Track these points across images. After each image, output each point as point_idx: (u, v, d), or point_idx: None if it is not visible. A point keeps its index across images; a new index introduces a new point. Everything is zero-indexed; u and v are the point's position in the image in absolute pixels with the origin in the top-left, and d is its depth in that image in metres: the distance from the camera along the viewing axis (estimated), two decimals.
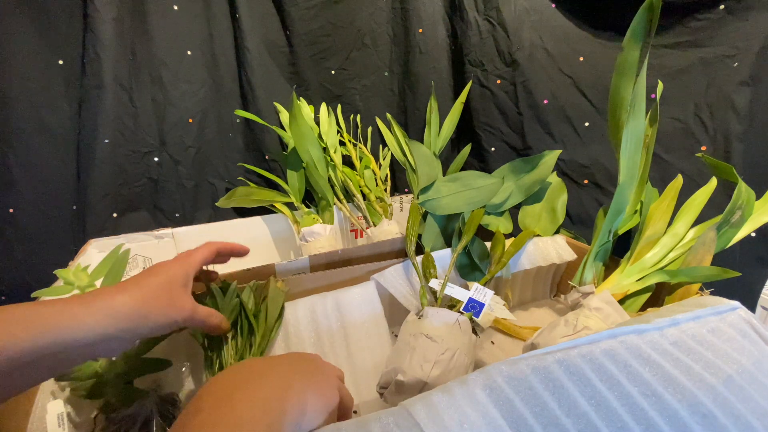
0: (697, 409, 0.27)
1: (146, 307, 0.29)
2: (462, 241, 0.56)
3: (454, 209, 0.61)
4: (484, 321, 0.46)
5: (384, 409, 0.28)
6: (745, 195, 0.50)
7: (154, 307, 0.29)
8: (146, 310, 0.29)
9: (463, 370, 0.41)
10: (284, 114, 0.88)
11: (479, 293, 0.48)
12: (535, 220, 0.71)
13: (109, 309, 0.28)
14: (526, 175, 0.71)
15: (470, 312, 0.46)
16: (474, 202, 0.61)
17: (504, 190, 0.69)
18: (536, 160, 0.71)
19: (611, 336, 0.32)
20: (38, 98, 0.72)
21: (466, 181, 0.63)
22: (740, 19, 0.61)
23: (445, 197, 0.62)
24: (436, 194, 0.62)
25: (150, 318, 0.29)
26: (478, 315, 0.46)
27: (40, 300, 0.30)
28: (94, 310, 0.27)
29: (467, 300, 0.47)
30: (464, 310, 0.46)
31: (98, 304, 0.28)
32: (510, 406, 0.27)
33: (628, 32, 0.44)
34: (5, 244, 0.74)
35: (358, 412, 0.44)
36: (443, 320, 0.43)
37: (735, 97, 0.62)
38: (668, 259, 0.52)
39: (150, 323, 0.29)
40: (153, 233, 0.73)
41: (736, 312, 0.36)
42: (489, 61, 0.82)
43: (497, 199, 0.68)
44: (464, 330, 0.43)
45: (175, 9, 0.79)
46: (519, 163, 0.72)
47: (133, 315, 0.28)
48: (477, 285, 0.49)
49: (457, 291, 0.48)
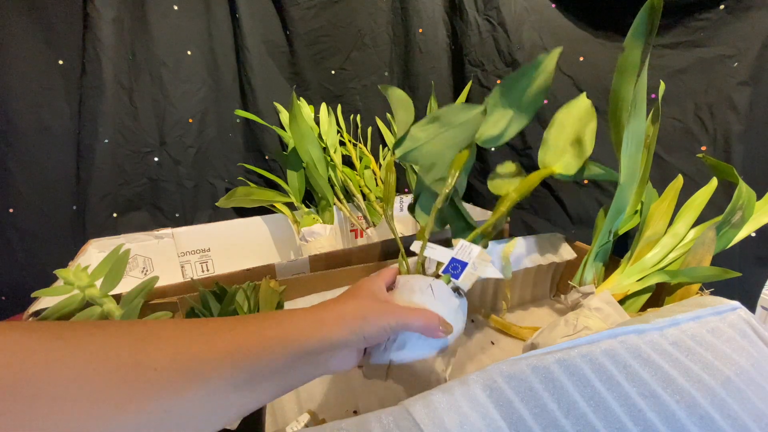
0: (694, 410, 0.27)
1: (363, 310, 0.31)
2: (444, 189, 0.46)
3: (437, 156, 0.51)
4: (465, 282, 0.39)
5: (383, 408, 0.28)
6: (746, 195, 0.49)
7: (369, 309, 0.31)
8: (364, 312, 0.31)
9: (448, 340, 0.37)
10: (284, 114, 0.88)
11: (463, 251, 0.41)
12: (558, 154, 0.56)
13: (340, 313, 0.30)
14: (524, 91, 0.54)
15: (448, 274, 0.39)
16: (458, 143, 0.51)
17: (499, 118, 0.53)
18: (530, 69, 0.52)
19: (611, 336, 0.32)
20: (38, 98, 0.72)
21: (445, 119, 0.51)
22: (740, 19, 0.61)
23: (425, 144, 0.51)
24: (413, 143, 0.51)
25: (369, 320, 0.30)
26: (458, 277, 0.39)
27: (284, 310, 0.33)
28: (332, 314, 0.29)
29: (449, 261, 0.40)
30: (444, 272, 0.40)
31: (331, 310, 0.30)
32: (509, 407, 0.27)
33: (630, 32, 0.44)
34: (5, 244, 0.74)
35: (358, 411, 0.44)
36: (412, 289, 0.37)
37: (735, 97, 0.62)
38: (668, 260, 0.52)
39: (370, 326, 0.30)
40: (153, 233, 0.73)
41: (736, 312, 0.36)
42: (489, 61, 0.82)
43: (493, 130, 0.53)
44: (439, 296, 0.37)
45: (175, 9, 0.79)
46: (510, 81, 0.53)
47: (357, 317, 0.30)
48: (462, 242, 0.42)
49: (438, 251, 0.42)
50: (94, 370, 0.19)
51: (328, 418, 0.42)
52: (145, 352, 0.20)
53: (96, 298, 0.43)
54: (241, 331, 0.24)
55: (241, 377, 0.23)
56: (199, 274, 0.79)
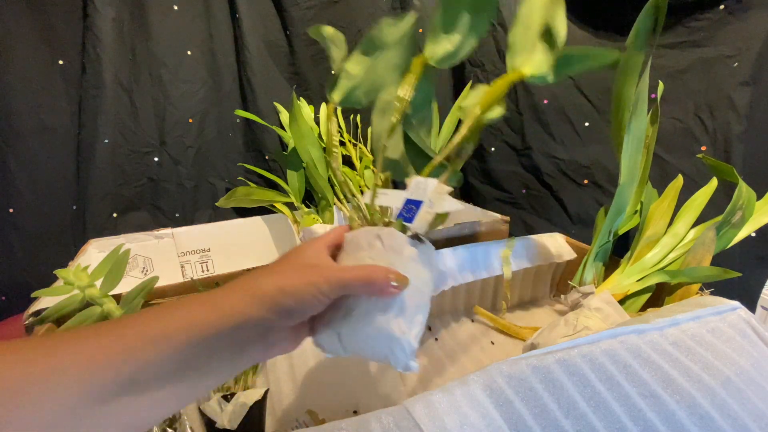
0: (694, 410, 0.27)
1: (279, 279, 0.26)
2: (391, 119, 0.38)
3: (381, 86, 0.43)
4: (421, 224, 0.32)
5: (383, 408, 0.28)
6: (746, 195, 0.49)
7: (286, 278, 0.26)
8: (279, 282, 0.26)
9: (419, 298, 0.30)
10: (284, 114, 0.88)
11: (418, 189, 0.34)
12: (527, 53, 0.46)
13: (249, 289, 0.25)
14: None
15: (400, 219, 0.33)
16: (399, 64, 0.43)
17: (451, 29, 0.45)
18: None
19: (611, 336, 0.32)
20: (38, 98, 0.72)
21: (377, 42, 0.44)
22: (740, 19, 0.61)
23: (363, 78, 0.44)
24: (348, 80, 0.44)
25: (286, 290, 0.25)
26: (412, 220, 0.32)
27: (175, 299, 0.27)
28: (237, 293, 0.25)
29: (403, 203, 0.34)
30: (398, 217, 0.33)
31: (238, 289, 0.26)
32: (509, 407, 0.27)
33: (632, 32, 0.44)
34: (5, 244, 0.74)
35: (358, 411, 0.44)
36: (358, 245, 0.31)
37: (735, 97, 0.62)
38: (668, 260, 0.52)
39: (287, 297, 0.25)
40: (153, 233, 0.73)
41: (736, 312, 0.36)
42: (489, 61, 0.82)
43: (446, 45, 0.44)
44: (391, 246, 0.31)
45: (175, 9, 0.79)
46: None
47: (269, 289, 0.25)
48: (416, 178, 0.35)
49: (391, 196, 0.35)
50: None
51: (328, 418, 0.42)
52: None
53: (96, 298, 0.43)
54: (108, 335, 0.22)
55: (111, 384, 0.20)
56: (199, 274, 0.79)
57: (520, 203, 0.87)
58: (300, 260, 0.29)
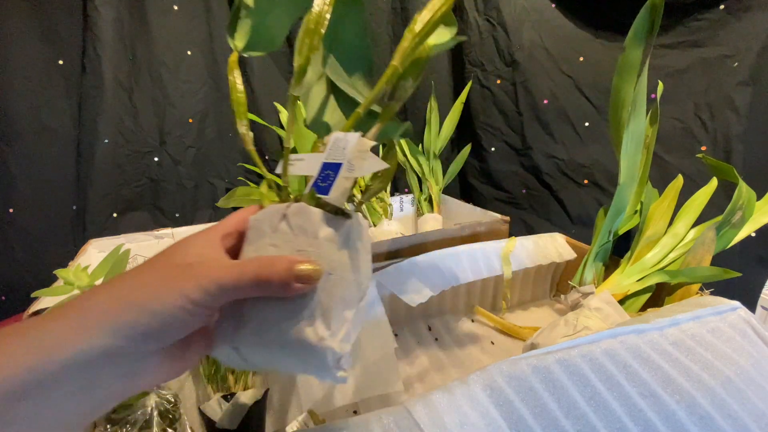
0: (694, 410, 0.27)
1: (129, 293, 0.20)
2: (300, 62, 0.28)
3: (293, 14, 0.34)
4: (337, 195, 0.24)
5: (383, 408, 0.28)
6: (746, 195, 0.49)
7: (138, 289, 0.20)
8: (130, 295, 0.19)
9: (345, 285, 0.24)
10: (284, 114, 0.88)
11: (336, 148, 0.25)
12: None
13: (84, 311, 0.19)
14: None
15: (313, 190, 0.25)
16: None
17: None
18: None
19: (611, 336, 0.32)
20: (38, 98, 0.72)
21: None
22: (740, 19, 0.61)
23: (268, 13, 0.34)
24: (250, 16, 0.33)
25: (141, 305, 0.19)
26: (328, 191, 0.24)
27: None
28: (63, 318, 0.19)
29: (320, 169, 0.26)
30: (313, 186, 0.25)
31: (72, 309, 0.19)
32: (510, 407, 0.27)
33: (630, 32, 0.44)
34: (5, 244, 0.74)
35: (358, 411, 0.44)
36: (260, 230, 0.24)
37: (735, 97, 0.62)
38: (668, 260, 0.52)
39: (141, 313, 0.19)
40: (153, 233, 0.73)
41: (736, 312, 0.36)
42: (489, 61, 0.82)
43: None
44: (301, 228, 0.24)
45: (175, 9, 0.79)
46: None
47: (110, 309, 0.19)
48: (335, 134, 0.26)
49: (307, 162, 0.27)
50: None
51: (328, 418, 0.42)
52: None
53: None
54: None
55: None
56: None
57: (520, 203, 0.87)
58: (172, 259, 0.21)
